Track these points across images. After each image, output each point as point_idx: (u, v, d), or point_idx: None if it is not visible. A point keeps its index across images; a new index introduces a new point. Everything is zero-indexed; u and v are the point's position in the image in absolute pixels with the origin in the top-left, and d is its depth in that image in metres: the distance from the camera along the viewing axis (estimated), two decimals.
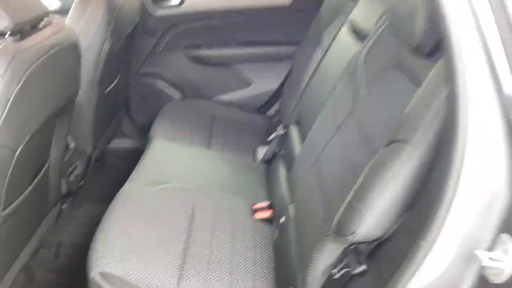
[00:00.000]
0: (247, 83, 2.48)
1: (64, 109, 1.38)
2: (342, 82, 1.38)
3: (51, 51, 1.17)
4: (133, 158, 1.90)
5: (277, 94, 2.46)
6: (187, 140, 1.93)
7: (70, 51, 1.29)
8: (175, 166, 1.70)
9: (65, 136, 1.46)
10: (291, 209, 1.46)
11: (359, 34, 1.50)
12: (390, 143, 0.97)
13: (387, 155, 0.96)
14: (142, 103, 2.50)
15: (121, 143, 2.53)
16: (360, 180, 1.01)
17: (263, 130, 2.21)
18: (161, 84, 2.47)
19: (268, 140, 1.90)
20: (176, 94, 2.48)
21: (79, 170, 1.79)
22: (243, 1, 2.38)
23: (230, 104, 2.41)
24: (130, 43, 2.17)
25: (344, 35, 1.61)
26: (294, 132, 1.75)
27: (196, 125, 2.08)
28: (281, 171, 1.71)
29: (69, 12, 1.68)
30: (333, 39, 1.74)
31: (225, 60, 2.45)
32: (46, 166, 1.39)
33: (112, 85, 2.00)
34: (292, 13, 2.37)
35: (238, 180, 1.72)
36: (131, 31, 2.03)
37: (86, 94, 1.71)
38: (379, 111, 1.15)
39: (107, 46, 1.71)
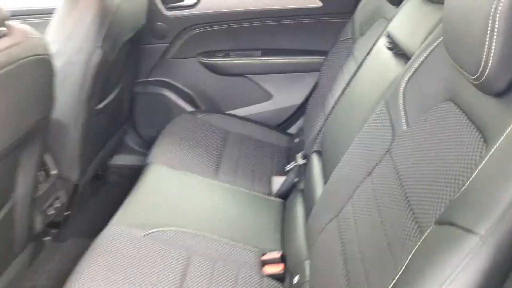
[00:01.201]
0: (267, 97, 2.19)
1: (31, 136, 1.12)
2: (378, 110, 1.08)
3: (6, 68, 0.92)
4: (138, 177, 1.64)
5: (300, 111, 2.17)
6: (192, 165, 1.65)
7: (35, 67, 1.03)
8: (172, 202, 1.43)
9: (35, 167, 1.20)
10: (307, 267, 1.17)
11: (400, 49, 1.19)
12: (444, 223, 0.68)
13: (442, 241, 0.66)
14: (150, 115, 2.24)
15: (125, 160, 2.28)
16: (402, 266, 0.72)
17: (283, 152, 1.92)
18: (171, 95, 2.21)
19: (286, 170, 1.60)
20: (187, 106, 2.21)
21: (62, 200, 1.54)
22: (266, 2, 2.08)
23: (247, 119, 2.12)
24: (135, 48, 1.91)
25: (383, 48, 1.30)
26: (315, 163, 1.45)
27: (205, 145, 1.80)
28: (299, 211, 1.41)
29: (54, 16, 1.43)
30: (369, 51, 1.42)
31: (243, 69, 2.16)
32: (8, 205, 1.14)
33: (109, 98, 1.75)
34: (322, 17, 2.06)
35: (247, 221, 1.44)
36: (134, 36, 1.76)
37: (71, 112, 1.46)
38: (423, 161, 0.84)
39: (97, 56, 1.44)
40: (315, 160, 1.45)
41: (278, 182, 1.61)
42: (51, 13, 1.51)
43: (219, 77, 2.19)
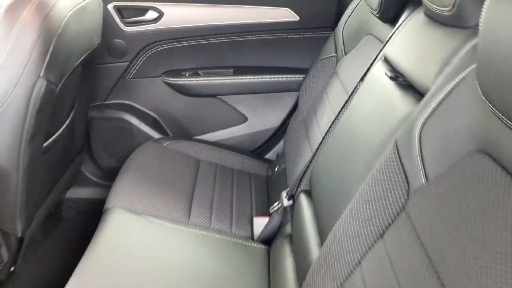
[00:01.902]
0: (241, 120, 1.98)
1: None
2: (387, 157, 0.88)
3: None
4: (97, 212, 1.42)
5: (277, 134, 1.97)
6: (159, 208, 1.42)
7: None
8: (136, 260, 1.20)
9: None
10: None
11: (406, 80, 1.00)
12: None
13: None
14: (109, 143, 1.99)
15: (83, 193, 2.03)
16: None
17: (262, 182, 1.72)
18: (133, 119, 1.97)
19: (271, 212, 1.39)
20: (152, 132, 1.98)
21: (4, 258, 1.29)
22: (237, 16, 1.87)
23: (220, 145, 1.91)
24: (89, 69, 1.67)
25: (382, 77, 1.09)
26: (305, 206, 1.24)
27: (174, 180, 1.57)
28: (288, 264, 1.21)
29: None
30: (363, 77, 1.23)
31: (214, 90, 1.94)
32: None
33: (60, 130, 1.50)
34: (299, 32, 1.87)
35: (227, 276, 1.22)
36: (87, 57, 1.52)
37: (11, 155, 1.21)
38: (453, 228, 0.66)
39: (40, 87, 1.20)
40: (304, 202, 1.24)
41: (260, 224, 1.40)
42: None
43: (187, 98, 1.96)
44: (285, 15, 1.85)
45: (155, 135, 1.97)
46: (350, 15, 1.61)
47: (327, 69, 1.64)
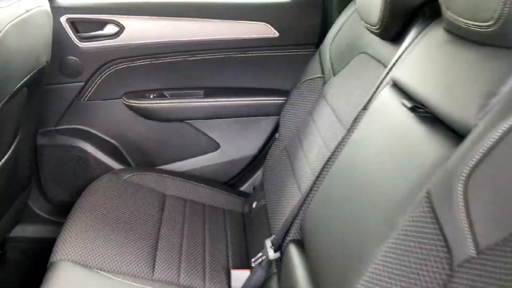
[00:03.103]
0: (212, 147, 1.75)
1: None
2: (417, 217, 0.68)
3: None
4: (46, 254, 1.18)
5: (254, 164, 1.76)
6: (117, 261, 1.18)
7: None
8: None
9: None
10: None
11: (432, 113, 0.79)
12: None
13: None
14: (61, 174, 1.73)
15: (29, 231, 1.76)
16: None
17: (239, 222, 1.50)
18: (88, 147, 1.72)
19: (252, 264, 1.17)
20: (111, 162, 1.73)
21: None
22: (209, 31, 1.66)
23: (189, 176, 1.68)
24: (35, 91, 1.42)
25: (395, 106, 0.88)
26: (296, 260, 1.02)
27: (135, 222, 1.33)
28: None
29: None
30: (366, 105, 1.03)
31: (182, 114, 1.72)
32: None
33: None
34: (279, 49, 1.68)
35: None
36: (32, 78, 1.28)
37: None
38: None
39: None
40: (295, 255, 1.03)
41: (239, 278, 1.17)
42: None
43: (151, 123, 1.73)
44: (263, 30, 1.65)
45: (115, 165, 1.73)
46: (339, 31, 1.43)
47: (313, 91, 1.45)
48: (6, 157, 1.31)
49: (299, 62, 1.63)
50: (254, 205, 1.52)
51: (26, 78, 1.22)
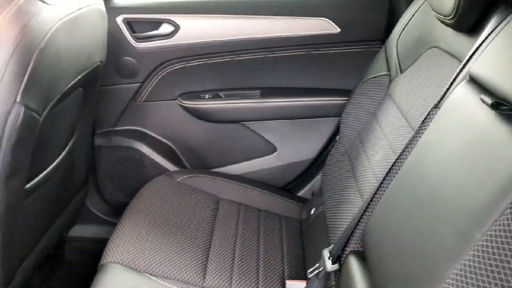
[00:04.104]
0: (269, 150, 1.69)
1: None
2: (502, 227, 0.58)
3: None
4: (101, 253, 1.18)
5: (312, 168, 1.67)
6: (168, 266, 1.14)
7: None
8: None
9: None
10: None
11: None
12: None
13: None
14: (117, 175, 1.73)
15: (87, 231, 1.77)
16: None
17: (296, 230, 1.42)
18: (144, 148, 1.70)
19: (309, 275, 1.08)
20: (166, 163, 1.71)
21: None
22: (267, 29, 1.60)
23: (245, 179, 1.62)
24: (91, 92, 1.41)
25: (476, 106, 0.75)
26: (356, 274, 0.93)
27: (187, 228, 1.29)
28: None
29: None
30: (438, 103, 0.92)
31: (238, 115, 1.66)
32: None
33: (52, 166, 1.24)
34: (341, 46, 1.58)
35: None
36: (86, 78, 1.27)
37: None
38: None
39: (17, 116, 0.94)
40: (355, 268, 0.93)
41: None
42: None
43: (206, 124, 1.69)
44: (323, 26, 1.56)
45: (169, 166, 1.70)
46: (406, 25, 1.32)
47: (377, 90, 1.35)
48: (61, 156, 1.31)
49: (362, 60, 1.54)
50: (312, 212, 1.44)
51: (79, 77, 1.21)
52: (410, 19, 1.32)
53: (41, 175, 1.18)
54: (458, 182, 0.68)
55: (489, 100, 0.71)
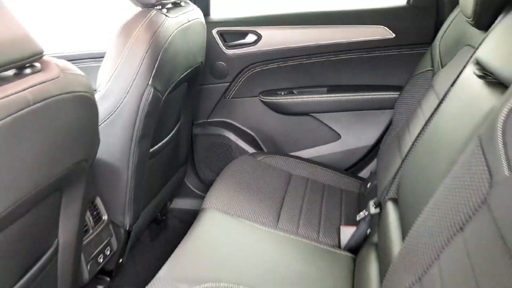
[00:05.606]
0: (334, 137, 2.00)
1: (71, 178, 1.01)
2: (470, 151, 0.87)
3: (34, 106, 0.82)
4: None
5: (372, 153, 1.96)
6: (250, 212, 1.49)
7: (70, 104, 0.93)
8: (226, 254, 1.27)
9: (79, 212, 1.09)
10: None
11: (495, 78, 0.98)
12: None
13: None
14: (209, 158, 2.13)
15: (185, 203, 2.17)
16: None
17: (353, 198, 1.71)
18: (231, 136, 2.08)
19: (358, 220, 1.39)
20: (248, 148, 2.07)
21: (113, 247, 1.43)
22: (333, 36, 1.92)
23: (313, 161, 1.94)
24: (193, 89, 1.82)
25: (471, 77, 1.08)
26: (391, 213, 1.23)
27: (265, 190, 1.63)
28: (372, 270, 1.20)
29: (106, 54, 1.36)
30: (453, 82, 1.21)
31: (308, 108, 2.00)
32: (49, 252, 1.02)
33: (165, 140, 1.65)
34: (395, 49, 1.88)
35: (311, 279, 1.24)
36: (191, 75, 1.67)
37: (121, 154, 1.36)
38: None
39: (149, 95, 1.35)
40: (391, 210, 1.23)
41: (347, 233, 1.40)
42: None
43: (282, 116, 2.05)
44: (380, 32, 1.87)
45: (251, 150, 2.06)
46: (447, 28, 1.59)
47: (423, 83, 1.62)
48: (169, 136, 1.71)
49: (413, 60, 1.80)
50: (368, 186, 1.72)
51: (186, 73, 1.61)
52: (451, 23, 1.59)
53: (159, 144, 1.59)
54: (451, 125, 0.98)
55: (478, 73, 0.99)
